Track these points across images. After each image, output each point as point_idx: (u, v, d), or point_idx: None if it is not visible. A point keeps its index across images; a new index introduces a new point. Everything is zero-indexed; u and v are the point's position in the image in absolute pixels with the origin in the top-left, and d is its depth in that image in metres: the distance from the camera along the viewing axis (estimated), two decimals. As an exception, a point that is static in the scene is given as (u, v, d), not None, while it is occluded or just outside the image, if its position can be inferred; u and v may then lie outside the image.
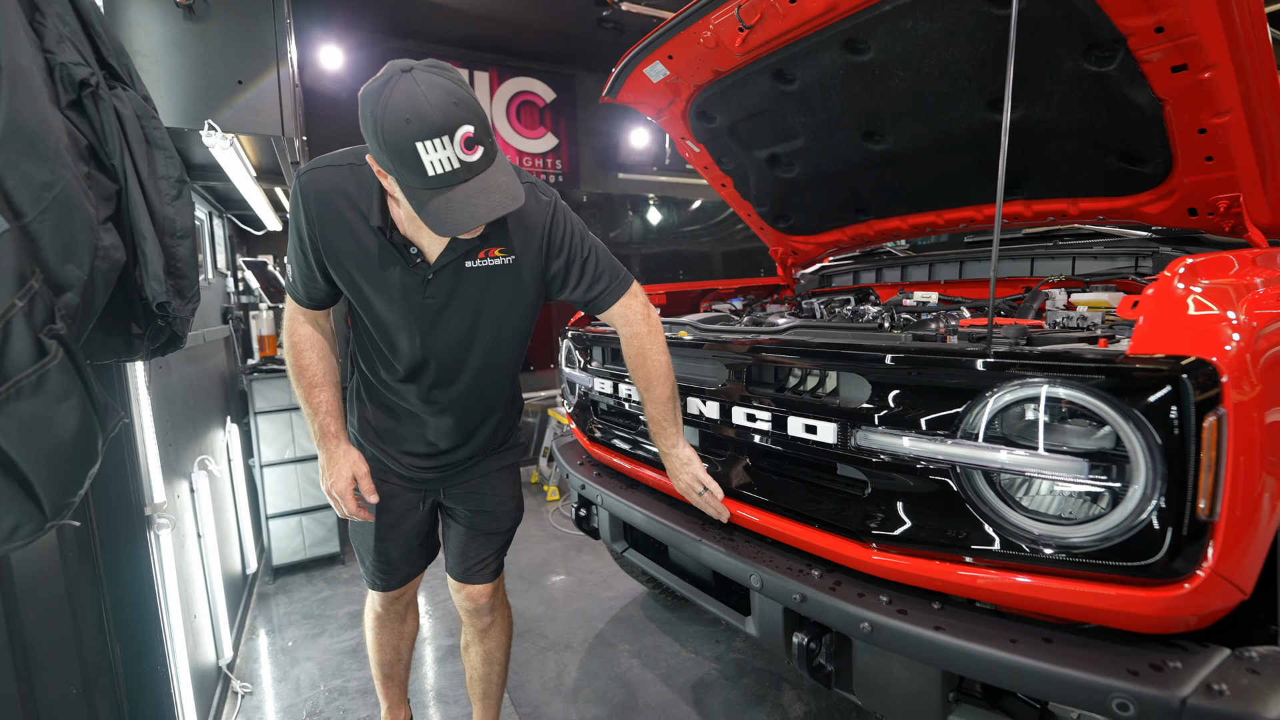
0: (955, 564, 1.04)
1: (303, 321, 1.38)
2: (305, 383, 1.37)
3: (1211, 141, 1.40)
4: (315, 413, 1.37)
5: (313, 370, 1.37)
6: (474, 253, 1.25)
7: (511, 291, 1.32)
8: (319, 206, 1.21)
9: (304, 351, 1.37)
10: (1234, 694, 0.82)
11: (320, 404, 1.37)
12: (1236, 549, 0.87)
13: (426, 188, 1.01)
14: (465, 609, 1.64)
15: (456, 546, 1.59)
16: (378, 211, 1.19)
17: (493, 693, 1.72)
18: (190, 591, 1.88)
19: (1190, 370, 0.84)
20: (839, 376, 1.20)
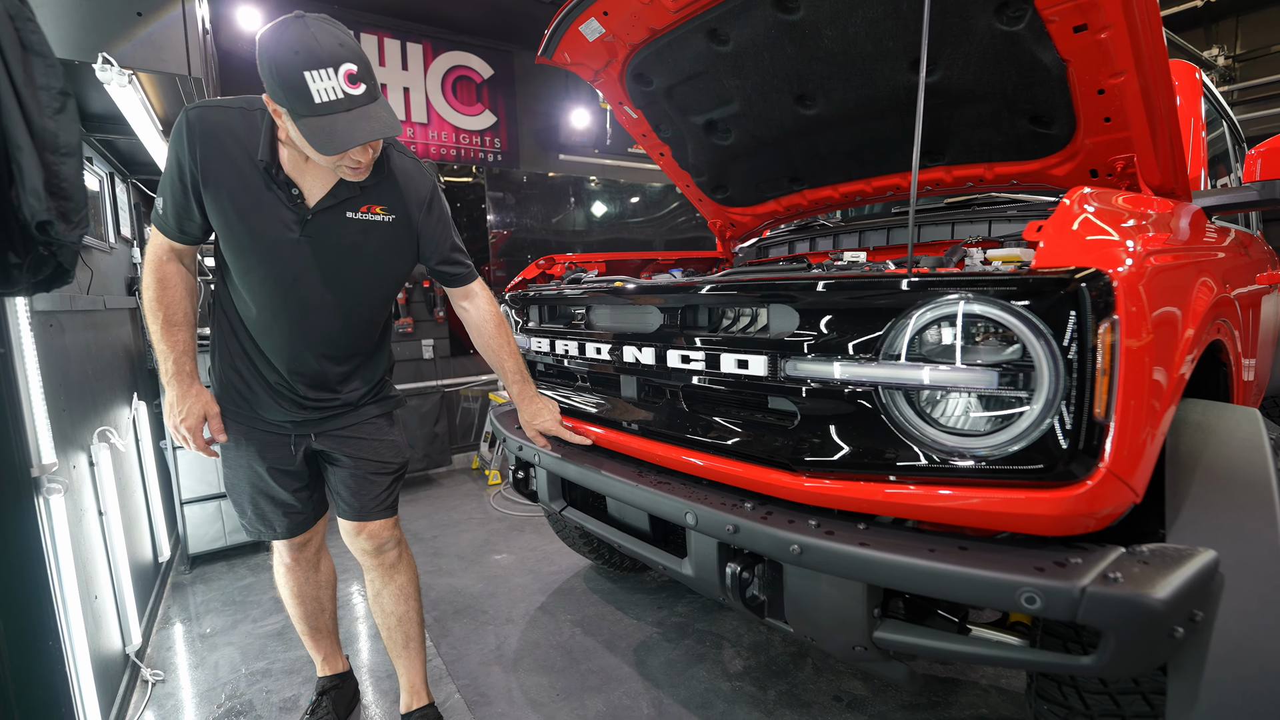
0: (880, 483, 1.07)
1: (169, 258, 1.37)
2: (165, 320, 1.36)
3: (1109, 102, 1.50)
4: (171, 350, 1.36)
5: (175, 308, 1.37)
6: (356, 205, 1.37)
7: (386, 248, 1.45)
8: (204, 139, 1.26)
9: (169, 288, 1.36)
10: (1127, 580, 0.88)
11: (178, 343, 1.37)
12: (1129, 449, 0.94)
13: (313, 114, 1.14)
14: (367, 550, 1.62)
15: (347, 489, 1.58)
16: (265, 148, 1.27)
17: (415, 635, 1.68)
18: (91, 570, 1.74)
19: (1087, 280, 0.90)
20: (769, 311, 1.22)
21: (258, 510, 1.57)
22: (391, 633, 1.68)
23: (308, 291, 1.39)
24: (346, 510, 1.60)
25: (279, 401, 1.48)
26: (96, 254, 2.23)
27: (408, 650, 1.68)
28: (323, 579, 1.74)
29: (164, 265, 1.36)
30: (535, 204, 5.02)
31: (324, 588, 1.74)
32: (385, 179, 1.39)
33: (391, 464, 1.62)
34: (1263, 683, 0.91)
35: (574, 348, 1.69)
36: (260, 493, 1.55)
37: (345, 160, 1.24)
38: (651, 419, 1.49)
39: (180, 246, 1.37)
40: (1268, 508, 1.01)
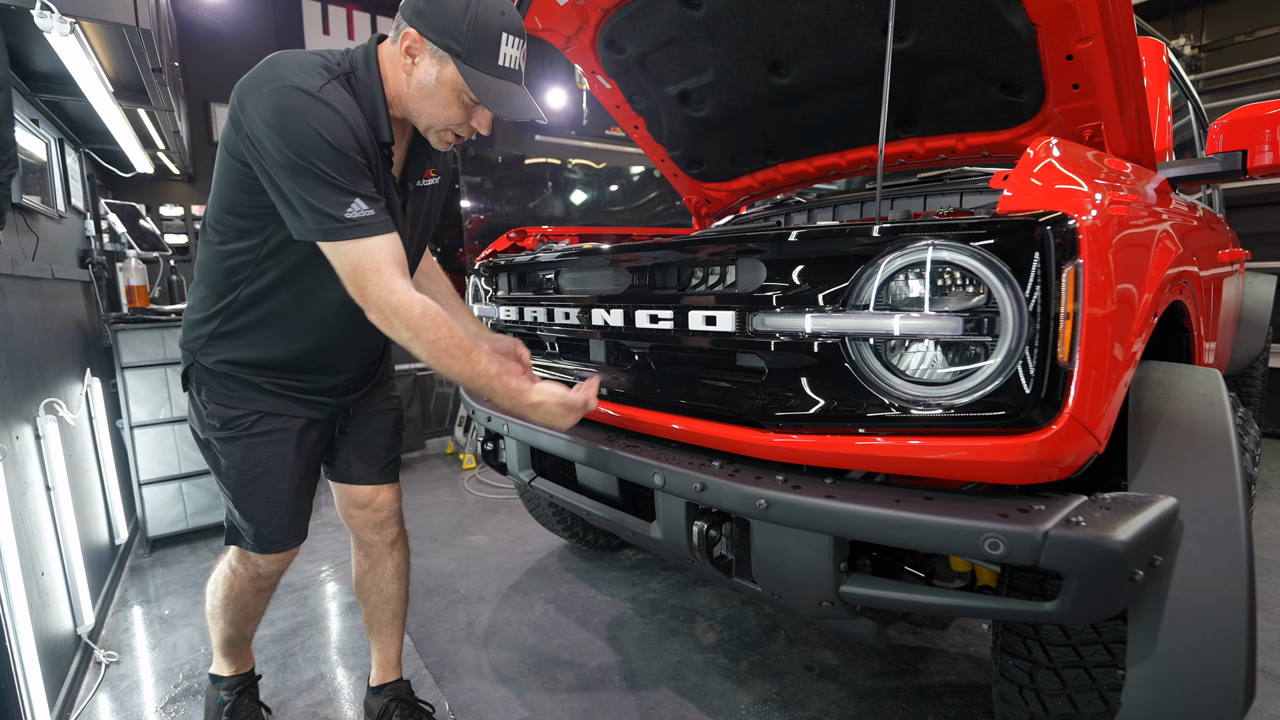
0: (849, 436, 1.06)
1: (405, 276, 1.10)
2: (462, 352, 1.13)
3: (1077, 68, 1.50)
4: (490, 379, 1.16)
5: (459, 332, 1.13)
6: (423, 171, 1.32)
7: (436, 210, 1.42)
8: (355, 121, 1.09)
9: (439, 316, 1.11)
10: (1089, 524, 0.89)
11: (487, 365, 1.16)
12: (1092, 395, 0.94)
13: (490, 74, 1.12)
14: (372, 523, 1.53)
15: (364, 452, 1.49)
16: (386, 125, 1.16)
17: (400, 613, 1.63)
18: (36, 545, 1.67)
19: (1052, 223, 0.89)
20: (738, 265, 1.20)
21: (292, 512, 1.36)
22: (378, 610, 1.60)
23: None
24: (363, 475, 1.49)
25: (335, 389, 1.37)
26: (44, 221, 2.14)
27: (390, 627, 1.62)
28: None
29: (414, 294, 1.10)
30: (512, 189, 4.95)
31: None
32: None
33: (402, 425, 1.59)
34: (1219, 625, 0.92)
35: (543, 314, 1.66)
36: (303, 489, 1.38)
37: (461, 129, 1.20)
38: (621, 383, 1.47)
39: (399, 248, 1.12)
40: (1226, 457, 1.02)
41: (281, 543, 1.37)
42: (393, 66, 1.16)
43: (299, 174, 1.04)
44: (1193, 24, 4.41)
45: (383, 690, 1.62)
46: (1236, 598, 0.92)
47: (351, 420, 1.49)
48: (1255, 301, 3.10)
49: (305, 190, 1.04)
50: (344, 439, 1.49)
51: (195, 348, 1.28)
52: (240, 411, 1.28)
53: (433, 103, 1.14)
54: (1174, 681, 0.94)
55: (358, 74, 1.15)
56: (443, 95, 1.13)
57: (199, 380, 1.29)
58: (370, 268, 1.07)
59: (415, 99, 1.15)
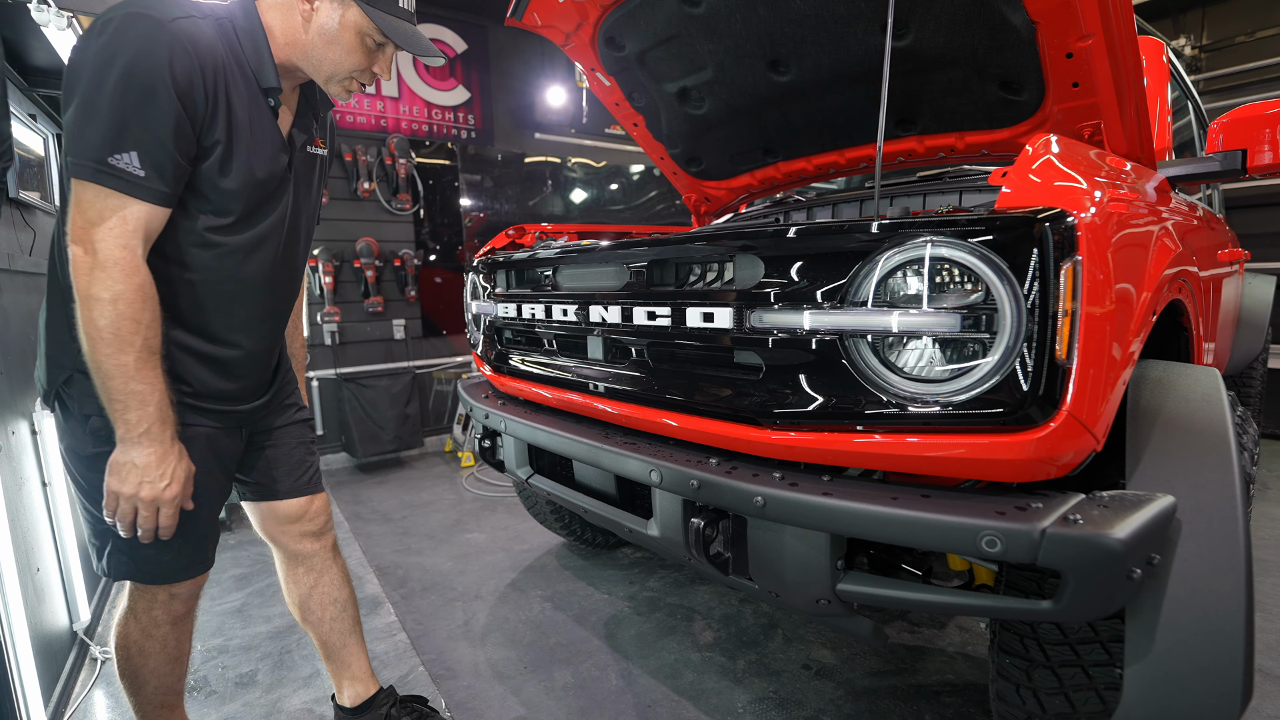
0: (847, 433, 1.06)
1: (144, 252, 0.98)
2: (145, 348, 0.97)
3: (1077, 66, 1.50)
4: (153, 391, 0.99)
5: (155, 329, 0.99)
6: (312, 138, 1.24)
7: (320, 184, 1.33)
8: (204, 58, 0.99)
9: (150, 299, 0.98)
10: (1087, 522, 0.88)
11: (159, 378, 1.00)
12: (1090, 393, 0.93)
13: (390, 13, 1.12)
14: (309, 533, 1.42)
15: (285, 466, 1.37)
16: (270, 70, 1.09)
17: (358, 618, 1.52)
18: (32, 540, 1.67)
19: (1050, 220, 0.89)
20: (736, 262, 1.19)
21: (194, 537, 1.18)
22: (336, 624, 1.47)
23: (290, 242, 1.22)
24: (291, 489, 1.37)
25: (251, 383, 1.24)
26: (42, 216, 2.13)
27: (354, 635, 1.50)
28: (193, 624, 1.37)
29: (143, 267, 0.97)
30: (511, 187, 4.95)
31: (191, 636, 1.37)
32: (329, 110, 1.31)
33: (313, 431, 1.48)
34: (1217, 624, 0.92)
35: (541, 311, 1.65)
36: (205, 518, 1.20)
37: (364, 75, 1.16)
38: (618, 380, 1.46)
39: (158, 221, 1.00)
40: (1224, 456, 1.02)
41: (185, 569, 1.20)
42: (283, 15, 1.09)
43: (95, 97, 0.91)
44: (1193, 24, 4.40)
45: (374, 702, 1.50)
46: (1234, 596, 0.92)
47: (266, 435, 1.35)
48: (1255, 302, 3.09)
49: (88, 117, 0.91)
50: (261, 453, 1.35)
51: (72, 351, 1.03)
52: None
53: (336, 48, 1.11)
54: (1171, 680, 0.94)
55: (236, 21, 1.08)
56: (346, 39, 1.10)
57: (81, 393, 1.07)
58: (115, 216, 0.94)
59: (316, 46, 1.10)
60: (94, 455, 1.09)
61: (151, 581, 1.19)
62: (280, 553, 1.46)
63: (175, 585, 1.21)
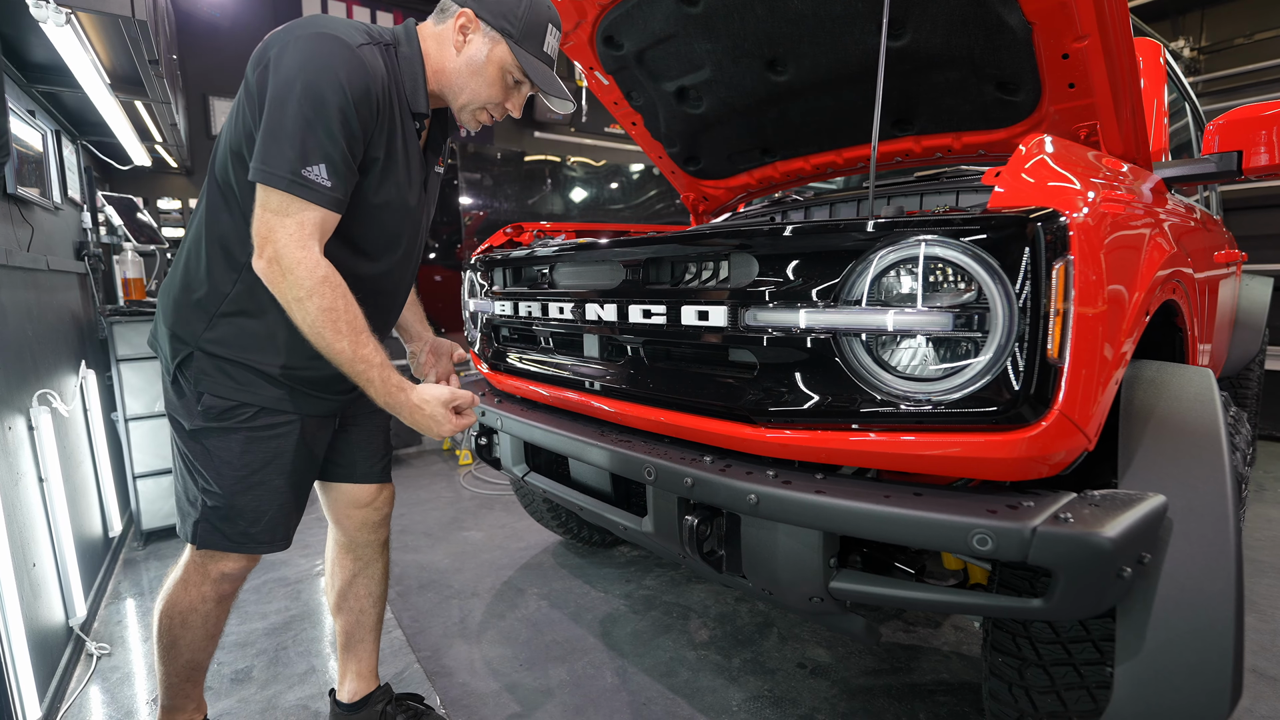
0: (840, 431, 1.06)
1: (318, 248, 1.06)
2: (351, 330, 1.06)
3: (1073, 67, 1.50)
4: (371, 368, 1.10)
5: (355, 310, 1.08)
6: (438, 157, 1.34)
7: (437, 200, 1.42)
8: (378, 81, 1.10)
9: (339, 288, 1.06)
10: (1077, 521, 0.89)
11: (374, 352, 1.10)
12: (1082, 392, 0.94)
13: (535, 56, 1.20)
14: (370, 522, 1.49)
15: (365, 449, 1.45)
16: (423, 97, 1.19)
17: (381, 619, 1.59)
18: (28, 536, 1.67)
19: (1043, 220, 0.89)
20: (731, 260, 1.20)
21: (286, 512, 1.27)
22: (364, 615, 1.54)
23: (409, 255, 1.32)
24: (367, 473, 1.45)
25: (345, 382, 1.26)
26: (40, 212, 2.13)
27: (373, 633, 1.57)
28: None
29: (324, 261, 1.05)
30: (510, 185, 4.94)
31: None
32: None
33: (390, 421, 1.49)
34: (1207, 623, 0.93)
35: (538, 308, 1.66)
36: (300, 489, 1.30)
37: (496, 109, 1.25)
38: (614, 378, 1.47)
39: (331, 225, 1.09)
40: (1216, 456, 1.02)
41: (268, 544, 1.27)
42: (438, 44, 1.19)
43: (290, 112, 1.00)
44: (1192, 26, 4.41)
45: (370, 700, 1.54)
46: (1225, 596, 0.92)
47: (354, 417, 1.42)
48: (1251, 303, 3.10)
49: (284, 129, 1.00)
50: (346, 436, 1.43)
51: (196, 331, 1.17)
52: (238, 402, 1.19)
53: (478, 79, 1.19)
54: (1161, 679, 0.94)
55: (399, 47, 1.18)
56: (489, 73, 1.18)
57: (198, 372, 1.18)
58: (292, 220, 1.02)
59: (460, 74, 1.19)
60: (199, 430, 1.20)
61: (232, 549, 1.26)
62: (337, 535, 1.52)
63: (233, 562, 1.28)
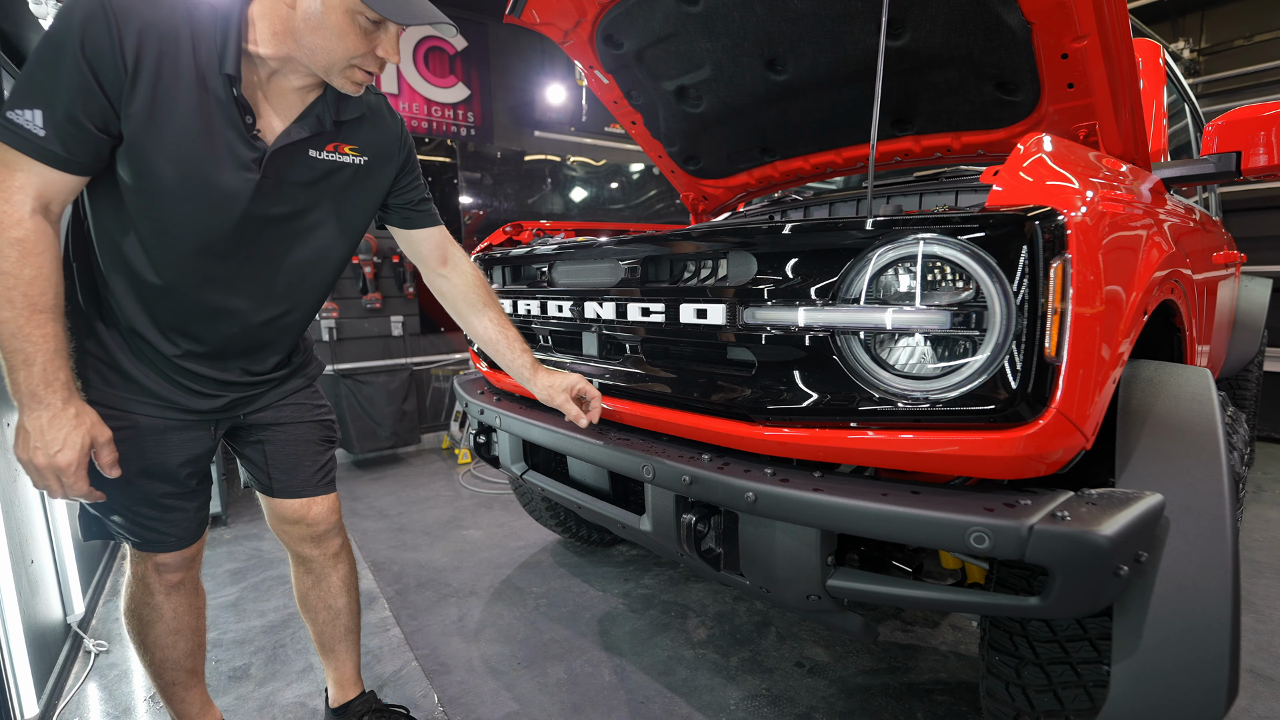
0: (838, 429, 1.06)
1: (33, 208, 0.93)
2: (28, 305, 0.92)
3: (1072, 67, 1.51)
4: (38, 351, 0.93)
5: (43, 286, 0.93)
6: (322, 143, 1.14)
7: (355, 195, 1.22)
8: (140, 31, 0.93)
9: (34, 255, 0.92)
10: (1074, 519, 0.89)
11: (47, 338, 0.94)
12: (1079, 391, 0.94)
13: None
14: (308, 537, 1.39)
15: (285, 460, 1.34)
16: (233, 57, 0.99)
17: (353, 627, 1.52)
18: (26, 533, 1.67)
19: (1040, 218, 0.90)
20: (729, 259, 1.20)
21: (141, 518, 1.19)
22: (327, 627, 1.47)
23: (258, 250, 1.13)
24: (285, 489, 1.35)
25: (197, 385, 1.18)
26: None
27: (345, 642, 1.50)
28: (201, 602, 1.38)
29: (25, 221, 0.92)
30: (510, 185, 4.95)
31: (203, 615, 1.39)
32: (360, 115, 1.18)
33: (333, 435, 1.43)
34: (1203, 621, 0.93)
35: (536, 307, 1.66)
36: (152, 496, 1.18)
37: (367, 61, 1.03)
38: (612, 376, 1.47)
39: (57, 185, 0.95)
40: (1213, 455, 1.02)
41: (143, 543, 1.22)
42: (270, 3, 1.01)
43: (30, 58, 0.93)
44: (1192, 28, 4.41)
45: (349, 708, 1.51)
46: (1221, 594, 0.93)
47: (262, 430, 1.32)
48: (1250, 305, 3.10)
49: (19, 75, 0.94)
50: (257, 449, 1.33)
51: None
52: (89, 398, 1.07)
53: (324, 34, 0.99)
54: (1158, 677, 0.94)
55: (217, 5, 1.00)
56: (334, 22, 0.98)
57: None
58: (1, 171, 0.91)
59: (305, 35, 1.00)
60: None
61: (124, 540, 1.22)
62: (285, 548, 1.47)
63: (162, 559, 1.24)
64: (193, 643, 1.35)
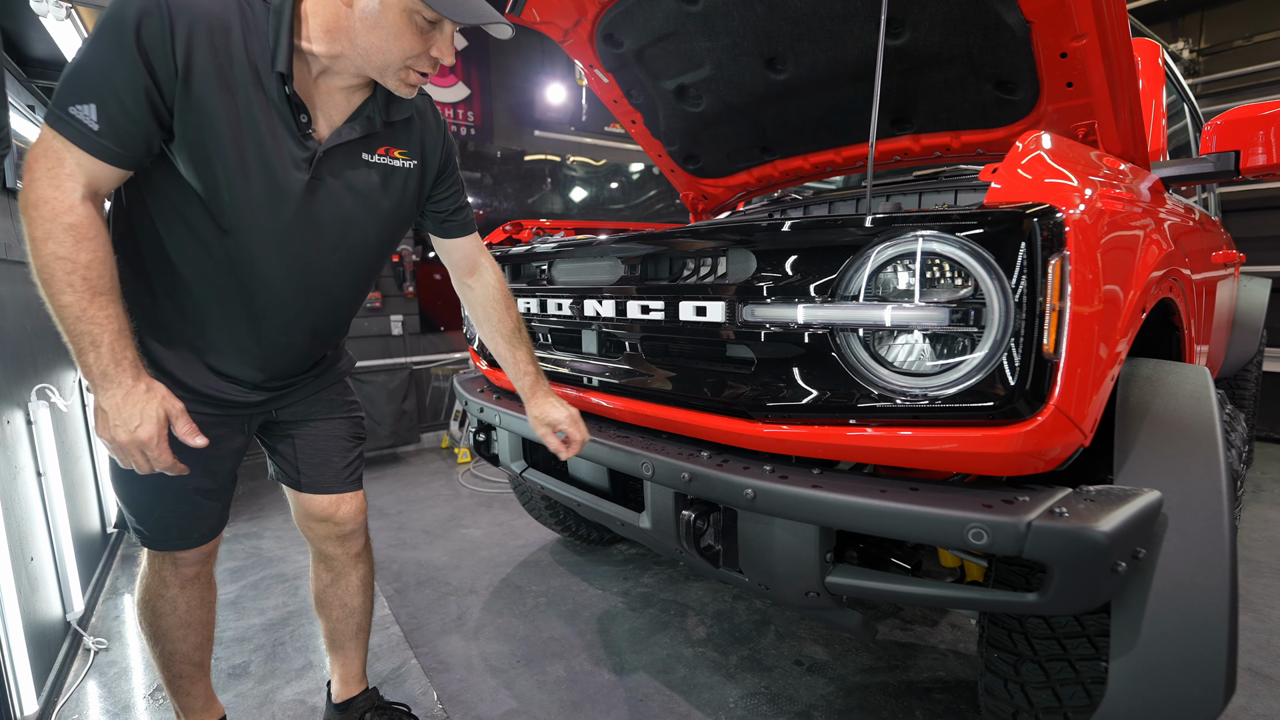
0: (836, 426, 1.06)
1: (86, 195, 0.94)
2: (88, 288, 0.93)
3: (1071, 66, 1.51)
4: (104, 332, 0.95)
5: (100, 270, 0.95)
6: (374, 145, 1.14)
7: (402, 198, 1.22)
8: (190, 24, 0.94)
9: (87, 240, 0.93)
10: (1073, 515, 0.89)
11: (111, 319, 0.95)
12: (1078, 388, 0.94)
13: None
14: (334, 536, 1.41)
15: (314, 456, 1.35)
16: (285, 53, 0.98)
17: (365, 625, 1.53)
18: (26, 530, 1.67)
19: (1039, 216, 0.90)
20: (729, 256, 1.20)
21: (169, 515, 1.21)
22: (341, 624, 1.49)
23: (307, 249, 1.12)
24: (314, 483, 1.35)
25: (235, 380, 1.18)
26: (39, 208, 2.13)
27: (355, 640, 1.52)
28: (212, 598, 1.39)
29: (77, 207, 0.92)
30: (510, 184, 4.95)
31: (213, 610, 1.39)
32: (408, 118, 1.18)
33: (362, 431, 1.45)
34: (1201, 618, 0.93)
35: (536, 305, 1.66)
36: (181, 492, 1.19)
37: (420, 62, 1.02)
38: (612, 374, 1.47)
39: (106, 175, 0.95)
40: (1211, 452, 1.02)
41: (162, 542, 1.23)
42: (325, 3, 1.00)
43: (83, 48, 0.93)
44: (1191, 28, 4.42)
45: (352, 704, 1.52)
46: (1219, 591, 0.93)
47: (293, 425, 1.34)
48: (1249, 305, 3.10)
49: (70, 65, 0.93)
50: (291, 443, 1.35)
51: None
52: None
53: (381, 33, 0.98)
54: (1155, 673, 0.94)
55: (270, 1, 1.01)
56: (391, 21, 0.97)
57: None
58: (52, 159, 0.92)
59: (361, 34, 0.99)
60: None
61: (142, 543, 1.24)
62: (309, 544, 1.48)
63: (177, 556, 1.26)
64: (202, 636, 1.36)
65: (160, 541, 1.23)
